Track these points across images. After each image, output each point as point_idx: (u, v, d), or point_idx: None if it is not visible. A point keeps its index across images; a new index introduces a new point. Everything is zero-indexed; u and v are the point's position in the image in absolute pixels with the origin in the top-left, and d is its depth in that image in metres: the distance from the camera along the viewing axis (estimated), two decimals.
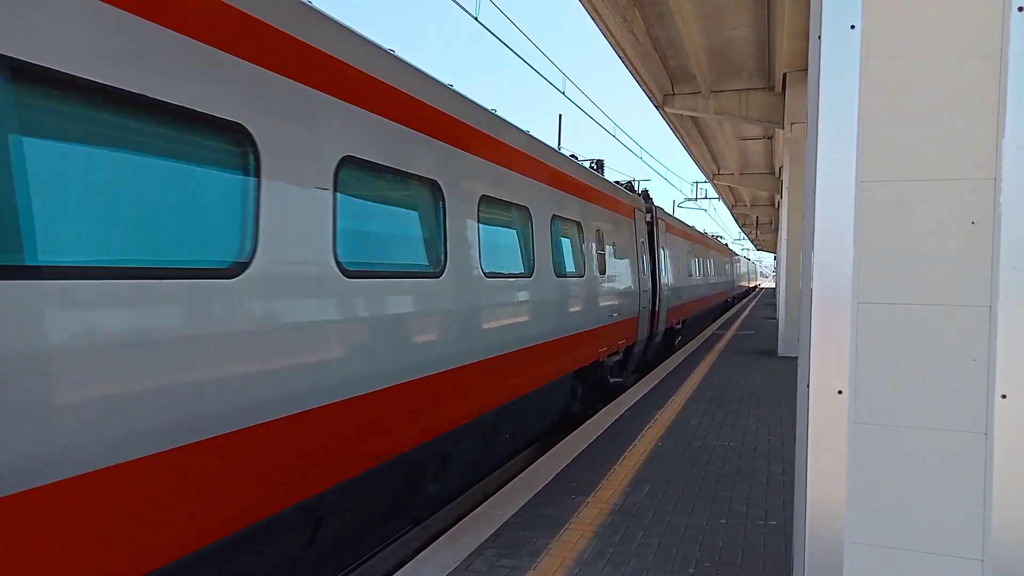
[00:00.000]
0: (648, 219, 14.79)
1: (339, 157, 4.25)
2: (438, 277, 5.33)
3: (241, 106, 3.52)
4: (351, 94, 4.44)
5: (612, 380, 11.04)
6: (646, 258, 13.82)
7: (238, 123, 3.51)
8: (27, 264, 2.60)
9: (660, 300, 14.72)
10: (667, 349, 16.97)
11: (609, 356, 10.82)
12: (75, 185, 2.81)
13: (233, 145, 3.55)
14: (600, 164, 13.17)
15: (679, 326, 17.78)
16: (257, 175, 3.62)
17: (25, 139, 2.64)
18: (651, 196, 15.98)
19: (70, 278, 2.71)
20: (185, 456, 3.15)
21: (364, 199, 4.65)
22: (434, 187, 5.41)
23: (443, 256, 5.46)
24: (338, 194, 4.22)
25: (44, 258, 2.66)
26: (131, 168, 3.03)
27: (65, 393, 2.70)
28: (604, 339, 10.41)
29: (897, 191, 2.55)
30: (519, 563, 4.24)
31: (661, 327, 15.01)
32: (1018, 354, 2.41)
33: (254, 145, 3.61)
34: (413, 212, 5.24)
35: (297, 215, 3.88)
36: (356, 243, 4.43)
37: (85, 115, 2.88)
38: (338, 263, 4.17)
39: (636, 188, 15.48)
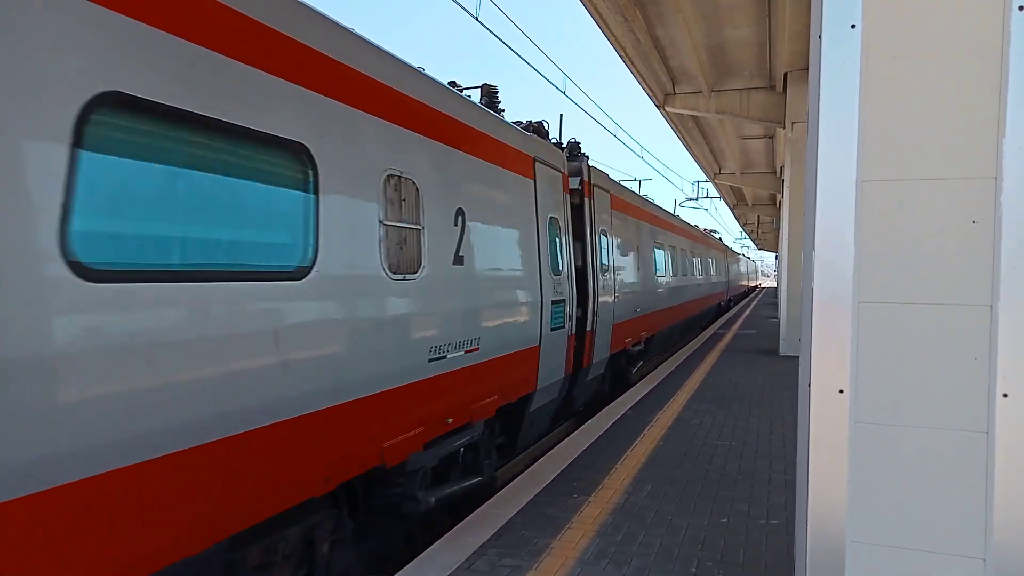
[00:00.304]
0: (578, 184, 9.63)
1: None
2: None
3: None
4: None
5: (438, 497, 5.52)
6: (564, 246, 8.32)
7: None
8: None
9: (596, 313, 9.61)
10: (617, 382, 11.96)
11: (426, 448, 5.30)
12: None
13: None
14: (540, 128, 8.77)
15: (638, 346, 12.71)
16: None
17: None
18: (584, 153, 10.54)
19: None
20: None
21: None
22: None
23: None
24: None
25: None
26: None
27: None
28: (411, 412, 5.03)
29: (898, 190, 2.55)
30: (521, 563, 4.24)
31: (598, 354, 9.82)
32: (1019, 353, 2.41)
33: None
34: None
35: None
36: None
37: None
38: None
39: (557, 137, 9.69)
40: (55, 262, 2.69)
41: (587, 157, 10.47)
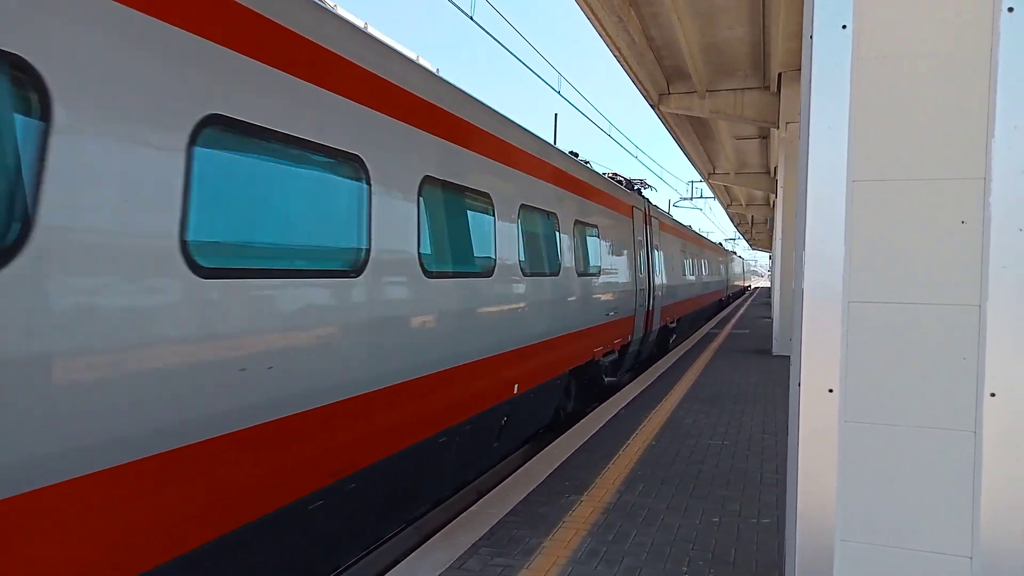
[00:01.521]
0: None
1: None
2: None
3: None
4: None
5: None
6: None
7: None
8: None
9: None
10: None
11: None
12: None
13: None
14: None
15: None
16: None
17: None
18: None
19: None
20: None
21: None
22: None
23: None
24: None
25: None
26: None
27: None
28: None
29: (888, 191, 2.56)
30: (513, 562, 4.24)
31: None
32: (1007, 352, 2.42)
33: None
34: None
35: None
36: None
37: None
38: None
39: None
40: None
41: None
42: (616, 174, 14.03)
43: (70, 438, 2.56)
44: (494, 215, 6.58)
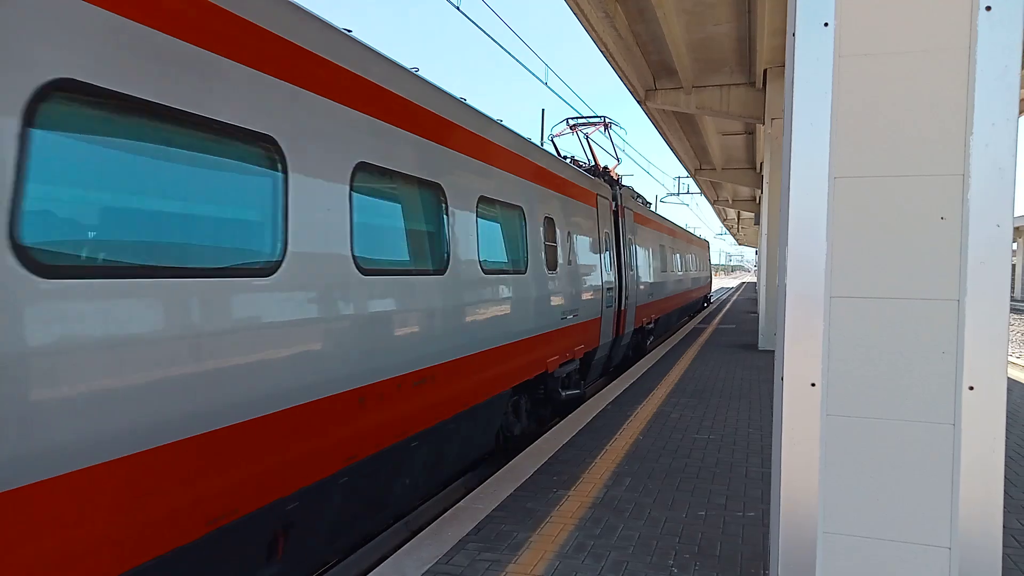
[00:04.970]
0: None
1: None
2: None
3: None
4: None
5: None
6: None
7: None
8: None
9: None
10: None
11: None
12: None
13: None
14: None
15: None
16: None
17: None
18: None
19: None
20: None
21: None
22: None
23: None
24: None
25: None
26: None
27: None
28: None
29: (868, 187, 2.60)
30: (500, 557, 4.26)
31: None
32: (985, 347, 2.46)
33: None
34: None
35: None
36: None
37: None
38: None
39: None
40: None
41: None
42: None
43: None
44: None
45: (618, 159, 15.53)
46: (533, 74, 14.85)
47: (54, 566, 2.69)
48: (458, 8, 10.44)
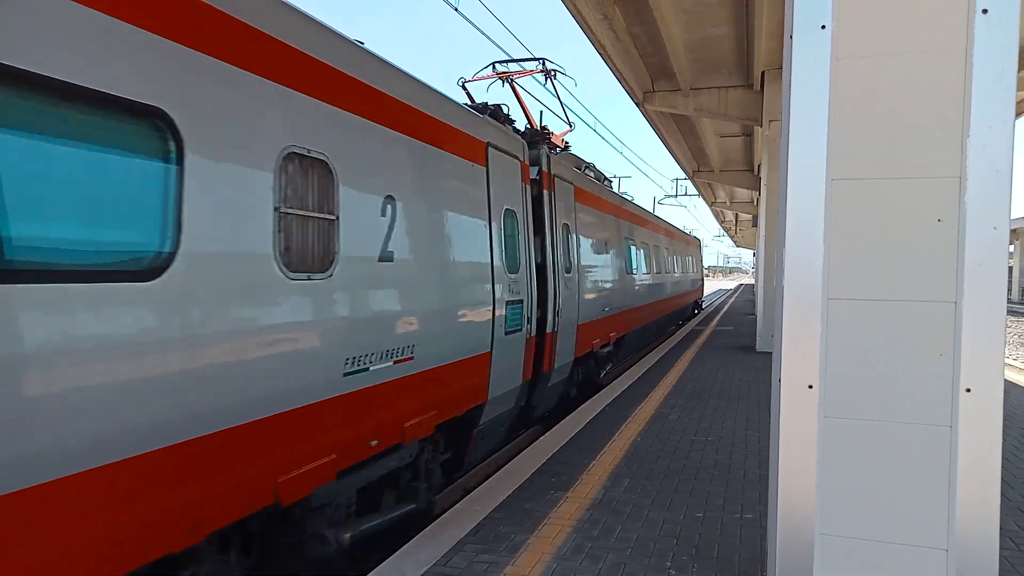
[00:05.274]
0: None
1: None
2: None
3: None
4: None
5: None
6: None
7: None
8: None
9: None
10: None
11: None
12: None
13: None
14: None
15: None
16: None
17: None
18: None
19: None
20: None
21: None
22: None
23: None
24: None
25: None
26: None
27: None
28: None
29: (866, 189, 2.60)
30: (498, 558, 4.26)
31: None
32: (982, 348, 2.47)
33: None
34: None
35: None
36: None
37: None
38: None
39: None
40: None
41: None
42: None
43: None
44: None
45: (570, 122, 12.21)
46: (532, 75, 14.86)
47: None
48: (456, 8, 10.45)
